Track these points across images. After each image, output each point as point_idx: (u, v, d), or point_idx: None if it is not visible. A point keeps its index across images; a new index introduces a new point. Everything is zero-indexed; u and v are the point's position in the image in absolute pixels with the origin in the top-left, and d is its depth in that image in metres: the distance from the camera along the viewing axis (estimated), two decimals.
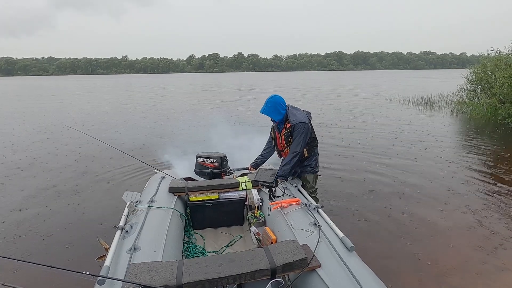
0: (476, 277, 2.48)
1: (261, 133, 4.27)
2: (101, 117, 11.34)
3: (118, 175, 5.00)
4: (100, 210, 3.76)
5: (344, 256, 1.62)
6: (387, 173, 4.97)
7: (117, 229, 1.88)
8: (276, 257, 1.55)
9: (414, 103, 14.00)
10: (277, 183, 2.43)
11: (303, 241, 1.78)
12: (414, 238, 3.08)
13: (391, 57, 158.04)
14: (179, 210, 2.35)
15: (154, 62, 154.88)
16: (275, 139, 2.84)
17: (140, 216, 2.07)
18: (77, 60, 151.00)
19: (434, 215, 3.55)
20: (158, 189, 2.52)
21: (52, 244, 3.06)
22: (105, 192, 4.32)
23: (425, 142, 6.96)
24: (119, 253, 1.67)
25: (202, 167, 3.04)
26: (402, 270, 2.60)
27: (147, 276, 1.40)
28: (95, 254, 1.94)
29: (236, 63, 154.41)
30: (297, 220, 2.03)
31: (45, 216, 3.63)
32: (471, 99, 11.56)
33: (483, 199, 3.93)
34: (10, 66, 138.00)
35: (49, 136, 8.01)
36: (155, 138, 7.71)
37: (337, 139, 7.34)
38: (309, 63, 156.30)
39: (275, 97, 2.65)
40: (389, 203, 3.88)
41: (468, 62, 61.47)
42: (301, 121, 2.58)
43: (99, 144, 5.81)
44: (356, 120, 10.00)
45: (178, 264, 1.49)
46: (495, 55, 10.56)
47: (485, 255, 2.76)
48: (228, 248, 2.28)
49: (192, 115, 11.47)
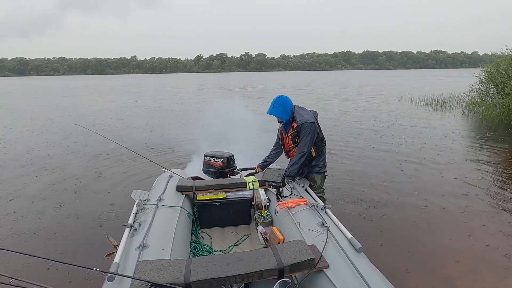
0: (487, 281, 2.42)
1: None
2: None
3: (127, 173, 5.07)
4: (109, 208, 3.81)
5: (353, 257, 1.60)
6: (397, 173, 4.91)
7: (126, 227, 1.90)
8: (283, 257, 1.54)
9: (424, 103, 13.80)
10: (284, 183, 2.41)
11: (311, 242, 1.77)
12: (424, 241, 3.03)
13: (401, 56, 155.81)
14: (187, 209, 2.36)
15: (163, 62, 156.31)
16: (282, 140, 2.83)
17: (149, 214, 2.09)
18: (87, 60, 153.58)
19: (445, 218, 3.48)
20: (166, 188, 2.53)
21: (62, 240, 3.12)
22: (114, 190, 4.39)
23: (437, 143, 6.85)
24: (128, 251, 1.68)
25: (209, 166, 3.05)
26: (412, 272, 2.56)
27: (155, 273, 1.40)
28: (104, 251, 1.97)
29: (244, 62, 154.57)
30: (305, 220, 2.02)
31: (54, 214, 3.71)
32: (483, 99, 11.32)
33: (499, 204, 3.84)
34: (23, 67, 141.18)
35: (63, 135, 8.17)
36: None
37: (346, 139, 7.28)
38: (316, 63, 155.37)
39: (282, 97, 2.64)
40: (399, 204, 3.83)
41: (480, 61, 59.99)
42: (307, 120, 2.56)
43: (110, 143, 5.88)
44: (367, 120, 9.90)
45: (186, 262, 1.50)
46: (509, 54, 10.32)
47: (497, 259, 2.69)
48: (235, 247, 2.28)
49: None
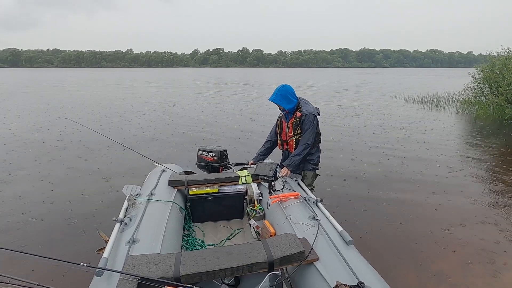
0: (477, 276, 2.46)
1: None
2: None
3: (119, 168, 5.03)
4: (101, 203, 3.78)
5: (342, 250, 1.61)
6: (388, 169, 4.95)
7: (116, 222, 1.88)
8: (274, 250, 1.54)
9: (419, 102, 13.89)
10: (276, 177, 2.41)
11: (302, 235, 1.77)
12: (414, 235, 3.07)
13: (397, 55, 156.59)
14: (179, 204, 2.35)
15: (159, 56, 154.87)
16: (281, 128, 2.82)
17: (140, 209, 2.07)
18: (81, 52, 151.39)
19: (436, 213, 3.53)
20: (158, 183, 2.51)
21: (52, 235, 3.07)
22: (105, 185, 4.34)
23: (429, 140, 6.91)
24: (117, 245, 1.67)
25: (202, 161, 3.04)
26: (401, 265, 2.60)
27: (144, 268, 1.39)
28: (95, 246, 1.94)
29: (241, 58, 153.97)
30: (296, 214, 2.03)
31: (45, 208, 3.66)
32: (478, 99, 11.43)
33: (488, 201, 3.90)
34: (15, 58, 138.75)
35: (51, 128, 8.07)
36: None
37: (341, 136, 7.31)
38: (313, 59, 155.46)
39: (285, 86, 2.65)
40: (389, 200, 3.87)
41: (475, 61, 60.59)
42: (312, 112, 2.61)
43: (102, 138, 5.83)
44: (362, 117, 9.95)
45: (176, 256, 1.49)
46: (504, 54, 10.41)
47: (487, 255, 2.74)
48: (228, 241, 2.28)
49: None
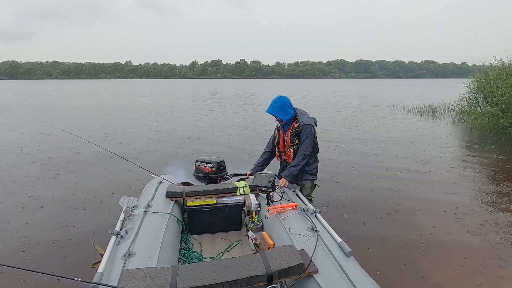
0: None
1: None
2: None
3: (116, 179, 4.99)
4: (96, 215, 3.72)
5: (342, 262, 1.58)
6: (387, 180, 4.94)
7: (112, 235, 1.85)
8: (272, 262, 1.52)
9: (415, 112, 14.01)
10: (274, 188, 2.40)
11: (301, 246, 1.75)
12: (415, 247, 3.04)
13: (393, 66, 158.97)
14: (176, 215, 2.32)
15: (157, 67, 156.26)
16: (279, 139, 2.83)
17: (136, 221, 2.04)
18: (81, 64, 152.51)
19: (435, 224, 3.50)
20: (155, 194, 2.48)
21: (47, 250, 2.99)
22: (101, 197, 4.29)
23: (427, 150, 6.94)
24: (113, 259, 1.64)
25: (200, 172, 3.02)
26: (401, 277, 2.56)
27: (140, 282, 1.36)
28: (90, 260, 1.91)
29: (239, 69, 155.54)
30: (295, 225, 2.00)
31: (40, 221, 3.59)
32: (473, 108, 11.55)
33: (485, 212, 3.88)
34: (14, 70, 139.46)
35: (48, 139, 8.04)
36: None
37: (339, 146, 7.33)
38: (310, 71, 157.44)
39: (282, 98, 2.68)
40: (388, 210, 3.85)
41: (469, 71, 61.66)
42: (309, 123, 2.63)
43: (99, 149, 5.81)
44: (358, 129, 10.00)
45: (173, 270, 1.46)
46: (497, 65, 10.60)
47: (485, 268, 2.70)
48: (226, 253, 2.25)
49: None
